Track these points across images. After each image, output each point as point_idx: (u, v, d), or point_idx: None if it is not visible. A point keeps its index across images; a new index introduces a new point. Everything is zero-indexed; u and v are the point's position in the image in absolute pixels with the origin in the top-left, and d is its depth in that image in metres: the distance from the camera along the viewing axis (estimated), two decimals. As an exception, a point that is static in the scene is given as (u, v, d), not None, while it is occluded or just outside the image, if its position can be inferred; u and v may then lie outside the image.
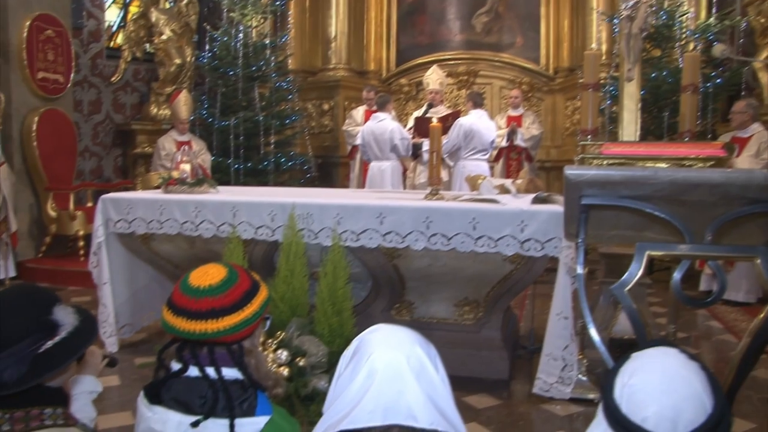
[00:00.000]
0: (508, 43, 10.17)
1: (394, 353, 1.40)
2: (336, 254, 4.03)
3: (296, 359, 3.74)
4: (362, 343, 1.48)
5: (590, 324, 2.39)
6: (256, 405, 1.67)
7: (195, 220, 4.47)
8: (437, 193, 4.37)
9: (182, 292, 1.71)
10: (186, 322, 1.67)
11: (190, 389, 1.66)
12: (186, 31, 10.26)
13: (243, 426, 1.61)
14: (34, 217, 8.16)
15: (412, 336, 1.47)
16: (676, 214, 2.14)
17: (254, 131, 8.71)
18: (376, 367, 1.39)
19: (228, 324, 1.68)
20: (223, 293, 1.69)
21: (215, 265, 1.78)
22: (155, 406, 1.66)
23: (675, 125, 6.34)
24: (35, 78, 8.06)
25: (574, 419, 3.79)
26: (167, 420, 1.63)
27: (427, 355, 1.43)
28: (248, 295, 1.73)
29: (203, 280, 1.71)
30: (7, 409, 1.54)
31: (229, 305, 1.69)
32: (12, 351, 1.53)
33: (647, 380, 1.29)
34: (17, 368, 1.52)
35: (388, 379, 1.37)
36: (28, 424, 1.55)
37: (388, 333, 1.48)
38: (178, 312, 1.69)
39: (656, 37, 7.53)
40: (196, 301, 1.68)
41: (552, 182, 9.14)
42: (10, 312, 1.59)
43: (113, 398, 4.03)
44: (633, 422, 1.26)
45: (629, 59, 4.36)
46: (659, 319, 5.47)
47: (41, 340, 1.59)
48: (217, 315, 1.67)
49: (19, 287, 1.72)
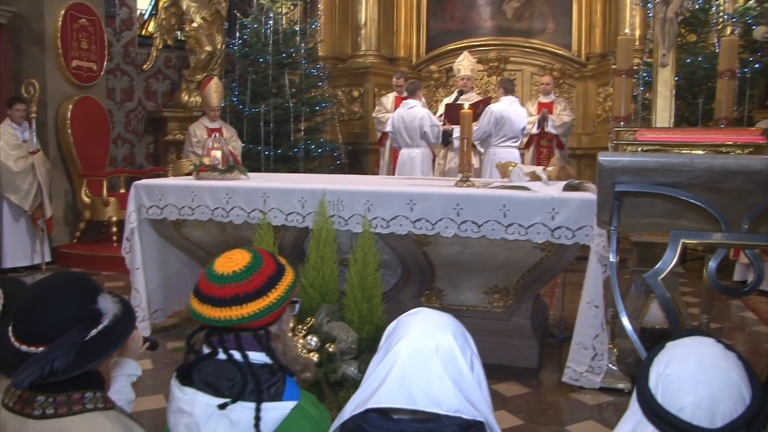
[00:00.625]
0: (539, 28, 10.06)
1: (424, 339, 1.40)
2: (366, 241, 4.04)
3: (326, 345, 3.77)
4: (399, 325, 1.48)
5: (623, 313, 2.36)
6: (284, 390, 1.66)
7: (226, 206, 4.51)
8: (468, 180, 4.35)
9: (207, 279, 1.71)
10: (211, 309, 1.67)
11: (220, 372, 1.66)
12: (216, 19, 10.31)
13: (269, 410, 1.61)
14: (68, 204, 8.31)
15: (448, 323, 1.46)
16: (713, 201, 2.10)
17: (284, 118, 8.74)
18: (405, 350, 1.39)
19: (252, 310, 1.67)
20: (247, 279, 1.69)
21: (240, 250, 1.77)
22: (186, 388, 1.67)
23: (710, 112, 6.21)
24: (69, 66, 8.17)
25: (603, 409, 3.77)
26: (195, 401, 1.64)
27: (460, 345, 1.42)
28: (272, 280, 1.72)
29: (227, 266, 1.70)
30: (50, 393, 1.57)
31: (253, 291, 1.68)
32: (62, 340, 1.56)
33: (684, 370, 1.27)
34: (66, 356, 1.54)
35: (415, 363, 1.37)
36: (70, 408, 1.58)
37: (426, 318, 1.47)
38: (204, 299, 1.70)
39: (692, 21, 7.38)
40: (221, 288, 1.68)
41: (583, 169, 9.04)
42: (60, 301, 1.62)
43: (146, 381, 4.09)
44: (669, 412, 1.24)
45: (664, 44, 4.28)
46: (691, 309, 5.40)
47: (87, 329, 1.61)
48: (240, 301, 1.67)
49: (64, 276, 1.74)
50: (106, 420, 1.60)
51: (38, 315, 1.60)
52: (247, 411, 1.61)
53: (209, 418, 1.62)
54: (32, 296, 1.65)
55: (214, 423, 1.62)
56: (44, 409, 1.56)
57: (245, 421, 1.60)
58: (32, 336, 1.59)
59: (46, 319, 1.59)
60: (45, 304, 1.61)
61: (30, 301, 1.64)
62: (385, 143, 8.94)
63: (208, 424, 1.62)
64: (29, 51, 8.03)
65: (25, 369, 1.51)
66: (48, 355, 1.53)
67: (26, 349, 1.58)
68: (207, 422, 1.62)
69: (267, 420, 1.61)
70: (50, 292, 1.64)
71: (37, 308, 1.61)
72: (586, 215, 3.77)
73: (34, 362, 1.52)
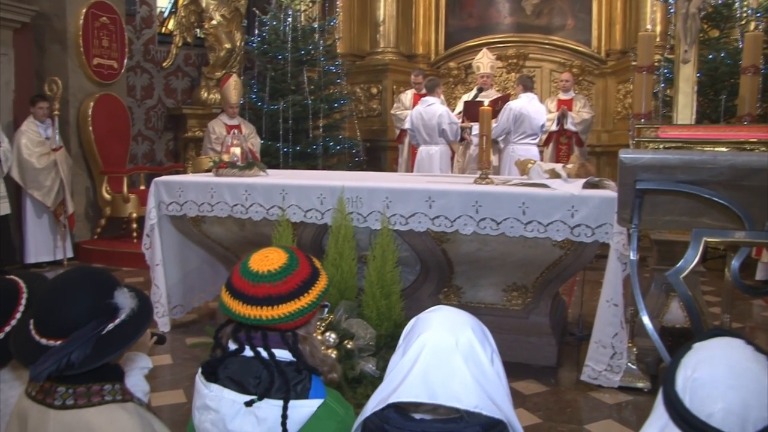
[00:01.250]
0: (558, 25, 9.99)
1: (444, 334, 1.39)
2: (385, 238, 4.04)
3: (344, 342, 3.77)
4: (418, 322, 1.48)
5: (643, 311, 2.35)
6: (310, 388, 1.65)
7: (245, 203, 4.53)
8: (487, 177, 4.34)
9: (241, 275, 1.69)
10: (242, 306, 1.65)
11: (246, 369, 1.65)
12: (235, 16, 10.36)
13: (296, 408, 1.60)
14: (89, 200, 8.40)
15: (467, 320, 1.45)
16: (736, 199, 2.07)
17: (303, 115, 8.76)
18: (426, 345, 1.39)
19: (283, 312, 1.65)
20: (281, 280, 1.66)
21: (277, 249, 1.74)
22: (212, 384, 1.67)
23: (732, 109, 6.14)
24: (91, 64, 8.26)
25: (622, 408, 3.74)
26: (222, 398, 1.64)
27: (480, 340, 1.41)
28: (306, 284, 1.70)
29: (263, 264, 1.68)
30: (70, 384, 1.60)
31: (286, 293, 1.66)
32: (79, 334, 1.58)
33: (713, 374, 1.22)
34: (83, 350, 1.57)
35: (436, 358, 1.37)
36: (90, 399, 1.60)
37: (445, 315, 1.47)
38: (236, 295, 1.67)
39: (715, 16, 7.28)
40: (254, 286, 1.65)
41: (603, 167, 8.98)
42: (77, 296, 1.64)
43: (165, 376, 4.13)
44: (698, 418, 1.19)
45: (686, 40, 4.24)
46: (712, 308, 5.35)
47: (104, 323, 1.63)
48: (272, 302, 1.65)
49: (82, 271, 1.76)
50: (124, 412, 1.62)
51: (56, 309, 1.62)
52: (274, 408, 1.60)
53: (236, 415, 1.61)
54: (51, 291, 1.67)
55: (240, 420, 1.61)
56: (64, 399, 1.59)
57: (272, 419, 1.60)
58: (51, 329, 1.61)
59: (64, 313, 1.61)
60: (63, 298, 1.64)
61: (49, 295, 1.66)
62: (403, 140, 8.94)
63: (235, 421, 1.61)
64: (51, 49, 8.12)
65: (43, 362, 1.54)
66: (65, 349, 1.55)
67: (45, 342, 1.60)
68: (233, 419, 1.61)
69: (294, 418, 1.60)
70: (68, 286, 1.67)
71: (55, 302, 1.64)
72: (606, 213, 3.74)
73: (51, 355, 1.55)
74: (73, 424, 1.57)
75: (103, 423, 1.57)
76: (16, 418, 1.68)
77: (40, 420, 1.60)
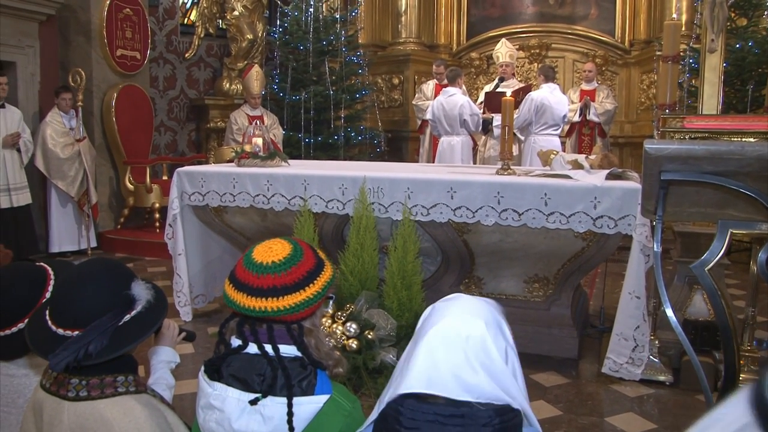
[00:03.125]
0: (582, 14, 9.89)
1: (457, 326, 1.37)
2: (406, 228, 4.03)
3: (365, 332, 3.79)
4: (433, 311, 1.46)
5: (667, 304, 2.32)
6: (316, 383, 1.64)
7: (267, 193, 4.55)
8: (509, 168, 4.31)
9: (245, 266, 1.66)
10: (246, 298, 1.63)
11: (249, 366, 1.64)
12: (257, 7, 10.37)
13: (302, 405, 1.59)
14: (113, 190, 8.49)
15: (482, 312, 1.42)
16: (763, 190, 2.04)
17: (324, 105, 8.77)
18: (436, 336, 1.37)
19: (288, 303, 1.63)
20: (286, 271, 1.64)
21: (280, 240, 1.72)
22: (215, 383, 1.65)
23: (760, 99, 6.05)
24: (114, 55, 8.32)
25: (644, 401, 3.72)
26: (226, 397, 1.62)
27: (493, 335, 1.38)
28: (311, 275, 1.67)
29: (267, 256, 1.66)
30: (83, 376, 1.62)
31: (291, 284, 1.64)
32: (96, 324, 1.60)
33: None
34: (100, 341, 1.58)
35: (445, 350, 1.35)
36: (103, 391, 1.62)
37: (459, 305, 1.44)
38: (240, 287, 1.65)
39: (743, 5, 7.17)
40: (258, 278, 1.63)
41: (626, 158, 8.90)
42: (94, 287, 1.66)
43: (187, 366, 4.16)
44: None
45: (713, 29, 4.17)
46: (737, 301, 5.28)
47: (121, 314, 1.65)
48: (277, 293, 1.62)
49: (99, 262, 1.78)
50: (136, 403, 1.63)
51: (73, 300, 1.64)
52: (279, 406, 1.59)
53: (241, 413, 1.60)
54: (68, 282, 1.70)
55: (246, 418, 1.60)
56: (78, 391, 1.61)
57: (278, 416, 1.58)
58: (68, 320, 1.63)
59: (81, 303, 1.63)
60: (80, 289, 1.65)
61: (66, 286, 1.69)
62: (425, 131, 8.93)
63: (240, 419, 1.60)
64: (76, 41, 8.19)
65: (61, 352, 1.55)
66: (83, 339, 1.57)
67: (62, 333, 1.62)
68: (239, 418, 1.60)
69: (300, 414, 1.59)
70: (85, 278, 1.68)
71: (72, 293, 1.65)
72: (629, 204, 3.71)
73: (69, 345, 1.56)
74: (87, 415, 1.59)
75: (117, 414, 1.59)
76: (31, 410, 1.71)
77: (54, 411, 1.62)
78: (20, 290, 1.92)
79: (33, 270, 2.00)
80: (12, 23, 7.29)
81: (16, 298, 1.90)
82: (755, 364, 3.79)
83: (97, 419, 1.58)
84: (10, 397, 1.95)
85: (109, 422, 1.58)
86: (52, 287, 1.94)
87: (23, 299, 1.90)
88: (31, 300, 1.90)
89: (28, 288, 1.93)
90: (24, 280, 1.95)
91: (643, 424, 3.44)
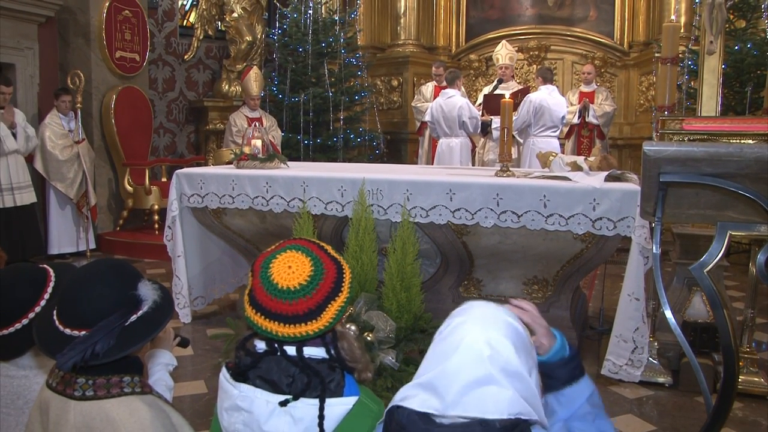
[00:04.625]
0: (580, 16, 9.90)
1: (481, 346, 1.35)
2: (405, 230, 4.03)
3: (364, 334, 3.78)
4: (458, 327, 1.43)
5: (666, 305, 2.32)
6: (344, 385, 1.62)
7: (266, 195, 4.55)
8: (508, 170, 4.31)
9: (271, 294, 1.59)
10: (283, 327, 1.58)
11: (278, 368, 1.61)
12: (256, 9, 10.38)
13: (332, 406, 1.58)
14: (112, 192, 8.49)
15: (507, 332, 1.40)
16: (763, 192, 2.04)
17: (324, 107, 8.77)
18: (461, 353, 1.36)
19: (327, 321, 1.60)
20: (316, 289, 1.59)
21: (296, 254, 1.64)
22: (241, 384, 1.62)
23: (759, 101, 6.05)
24: (113, 57, 8.33)
25: (643, 402, 3.72)
26: (255, 398, 1.60)
27: (518, 354, 1.37)
28: (338, 282, 1.64)
29: (290, 278, 1.59)
30: (90, 376, 1.62)
31: (323, 300, 1.59)
32: (103, 324, 1.60)
33: None
34: (107, 340, 1.59)
35: (469, 374, 1.33)
36: (109, 391, 1.62)
37: (483, 322, 1.42)
38: (272, 316, 1.59)
39: (741, 6, 7.18)
40: (291, 305, 1.57)
41: (624, 160, 8.90)
42: (102, 287, 1.66)
43: (186, 367, 4.16)
44: None
45: (711, 31, 4.17)
46: (736, 303, 5.28)
47: (128, 314, 1.65)
48: (314, 315, 1.58)
49: (107, 262, 1.78)
50: (143, 404, 1.63)
51: (81, 300, 1.64)
52: (310, 408, 1.57)
53: (270, 415, 1.58)
54: (75, 282, 1.69)
55: (275, 420, 1.58)
56: (84, 390, 1.61)
57: (308, 418, 1.57)
58: (75, 320, 1.63)
59: (88, 303, 1.63)
60: (87, 289, 1.66)
61: (73, 286, 1.69)
62: (424, 133, 8.93)
63: (270, 421, 1.58)
64: (75, 43, 8.20)
65: (69, 351, 1.56)
66: (90, 339, 1.57)
67: (69, 333, 1.63)
68: (268, 420, 1.58)
69: (330, 416, 1.57)
70: (93, 278, 1.69)
71: (79, 293, 1.66)
72: (628, 206, 3.71)
73: (77, 345, 1.57)
74: (93, 414, 1.59)
75: (123, 414, 1.59)
76: (37, 409, 1.71)
77: (61, 410, 1.62)
78: (21, 291, 1.93)
79: (34, 271, 2.01)
80: (11, 25, 7.30)
81: (16, 298, 1.91)
82: (755, 366, 3.80)
83: (103, 419, 1.59)
84: (9, 398, 1.95)
85: (115, 422, 1.58)
86: (53, 288, 1.95)
87: (23, 300, 1.91)
88: (30, 301, 1.90)
89: (29, 289, 1.94)
90: (25, 281, 1.95)
91: (642, 425, 3.44)
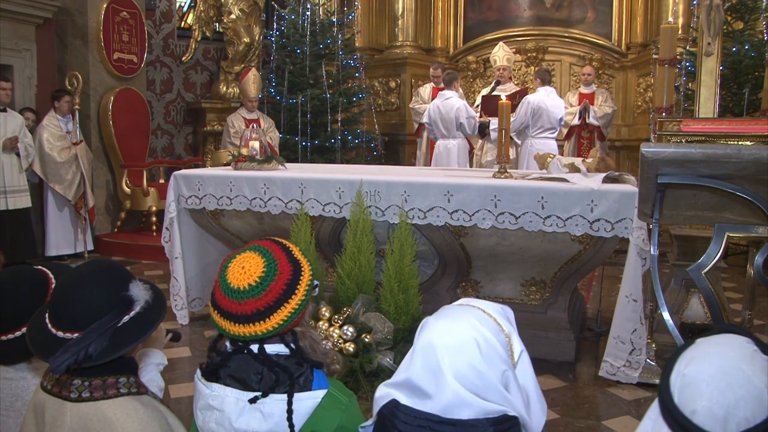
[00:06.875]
0: (578, 18, 9.90)
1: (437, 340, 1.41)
2: (403, 232, 4.03)
3: (362, 335, 3.78)
4: (425, 327, 1.48)
5: (664, 307, 2.32)
6: (313, 379, 1.64)
7: (264, 196, 4.54)
8: (506, 171, 4.31)
9: (223, 293, 1.63)
10: (234, 326, 1.61)
11: (247, 366, 1.64)
12: (254, 10, 10.37)
13: (301, 401, 1.60)
14: (110, 193, 8.48)
15: (471, 337, 1.44)
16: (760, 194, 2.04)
17: (321, 109, 8.77)
18: (426, 354, 1.41)
19: (277, 322, 1.60)
20: (265, 290, 1.59)
21: (252, 255, 1.66)
22: (213, 384, 1.66)
23: (756, 102, 6.06)
24: (111, 59, 8.33)
25: (641, 404, 3.71)
26: (225, 397, 1.63)
27: (486, 358, 1.43)
28: (291, 285, 1.63)
29: (241, 278, 1.60)
30: (86, 377, 1.62)
31: (273, 302, 1.60)
32: (96, 326, 1.60)
33: (702, 371, 1.17)
34: (100, 342, 1.58)
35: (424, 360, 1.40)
36: (105, 392, 1.62)
37: (443, 322, 1.46)
38: (225, 315, 1.62)
39: (739, 8, 7.19)
40: (240, 304, 1.59)
41: (622, 161, 8.91)
42: (92, 289, 1.66)
43: (184, 368, 4.16)
44: (682, 414, 1.16)
45: (709, 32, 4.18)
46: (734, 304, 5.29)
47: (120, 315, 1.65)
48: (263, 316, 1.59)
49: (98, 264, 1.77)
50: (139, 404, 1.63)
51: (72, 302, 1.64)
52: (279, 403, 1.59)
53: (241, 412, 1.61)
54: (66, 284, 1.69)
55: (246, 417, 1.61)
56: (80, 392, 1.60)
57: (278, 413, 1.59)
58: (67, 322, 1.63)
59: (79, 306, 1.63)
60: (78, 291, 1.65)
61: (64, 289, 1.68)
62: (421, 134, 8.93)
63: (241, 418, 1.61)
64: (73, 44, 8.20)
65: (62, 354, 1.55)
66: (83, 341, 1.57)
67: (62, 335, 1.62)
68: (239, 417, 1.61)
69: (299, 410, 1.59)
70: (83, 280, 1.68)
71: (70, 296, 1.65)
72: (626, 208, 3.71)
73: (69, 347, 1.56)
74: (89, 416, 1.59)
75: (120, 415, 1.59)
76: (32, 412, 1.70)
77: (57, 412, 1.61)
78: (23, 294, 1.92)
79: (34, 274, 2.00)
80: (9, 26, 7.29)
81: (19, 302, 1.90)
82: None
83: (100, 420, 1.58)
84: (8, 400, 1.94)
85: (112, 423, 1.58)
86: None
87: (26, 303, 1.90)
88: (34, 304, 1.89)
89: (31, 292, 1.93)
90: (26, 284, 1.95)
91: (640, 427, 3.44)
